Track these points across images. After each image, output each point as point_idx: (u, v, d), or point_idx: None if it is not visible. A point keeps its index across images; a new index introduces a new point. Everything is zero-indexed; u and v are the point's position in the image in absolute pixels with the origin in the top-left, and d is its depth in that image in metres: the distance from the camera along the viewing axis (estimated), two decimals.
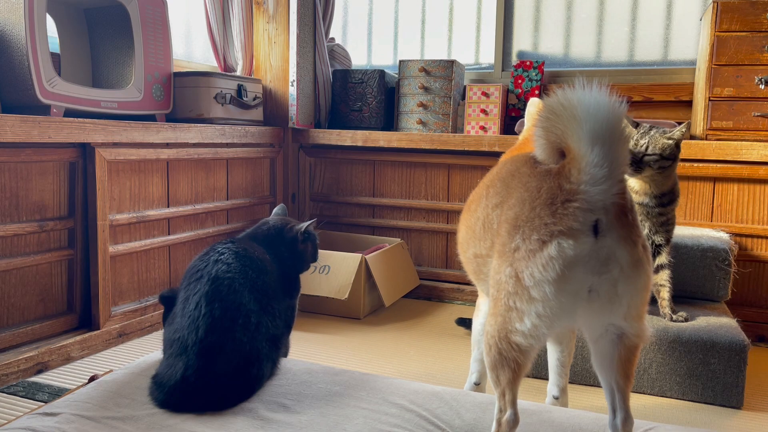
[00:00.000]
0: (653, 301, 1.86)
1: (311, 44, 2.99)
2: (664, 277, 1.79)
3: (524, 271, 1.02)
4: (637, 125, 1.80)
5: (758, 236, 2.31)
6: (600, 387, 1.78)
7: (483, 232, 1.19)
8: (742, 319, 2.32)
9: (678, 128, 1.73)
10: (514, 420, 1.12)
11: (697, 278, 2.04)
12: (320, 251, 2.43)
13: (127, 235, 2.11)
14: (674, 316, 1.79)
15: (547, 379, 1.81)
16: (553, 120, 1.05)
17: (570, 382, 1.83)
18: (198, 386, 1.24)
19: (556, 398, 1.50)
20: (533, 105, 1.58)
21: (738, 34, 2.35)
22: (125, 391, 1.36)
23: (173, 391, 1.25)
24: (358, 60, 3.47)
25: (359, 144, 2.84)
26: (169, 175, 2.30)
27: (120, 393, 1.35)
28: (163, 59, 2.40)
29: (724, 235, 2.10)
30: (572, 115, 1.00)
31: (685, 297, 2.07)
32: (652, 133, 1.73)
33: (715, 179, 2.37)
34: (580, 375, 1.82)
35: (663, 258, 1.79)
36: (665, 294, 1.80)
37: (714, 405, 1.71)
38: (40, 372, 1.78)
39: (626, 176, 1.27)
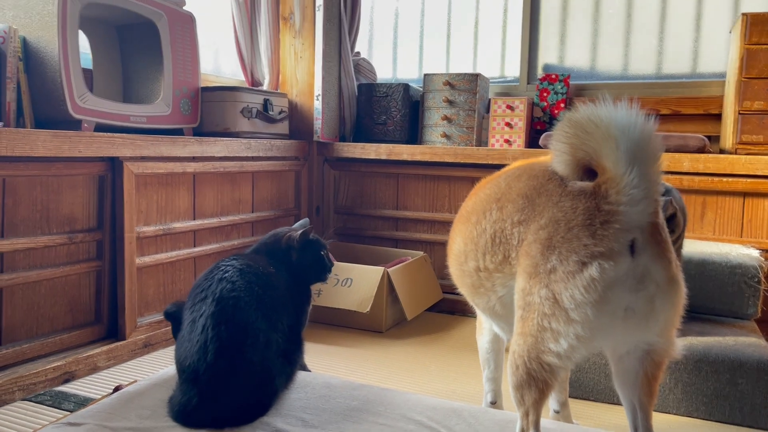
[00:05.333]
0: None
1: (336, 58, 3.02)
2: None
3: (563, 293, 1.02)
4: None
5: None
6: (619, 405, 1.75)
7: (493, 247, 1.18)
8: None
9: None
10: None
11: (725, 296, 2.00)
12: (342, 264, 2.45)
13: (154, 247, 2.15)
14: None
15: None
16: (582, 137, 1.04)
17: (593, 400, 1.80)
18: (213, 410, 1.25)
19: (557, 412, 1.50)
20: None
21: None
22: (147, 402, 1.38)
23: (189, 418, 1.26)
24: (384, 73, 3.49)
25: (383, 157, 2.86)
26: (195, 188, 2.33)
27: (142, 404, 1.38)
28: (191, 74, 2.45)
29: (754, 252, 2.05)
30: (607, 134, 1.00)
31: (713, 314, 2.03)
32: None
33: (745, 194, 2.32)
34: (603, 393, 1.80)
35: None
36: None
37: (742, 426, 1.67)
38: (67, 381, 1.82)
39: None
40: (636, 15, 2.96)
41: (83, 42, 2.36)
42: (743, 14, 2.34)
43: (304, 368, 1.68)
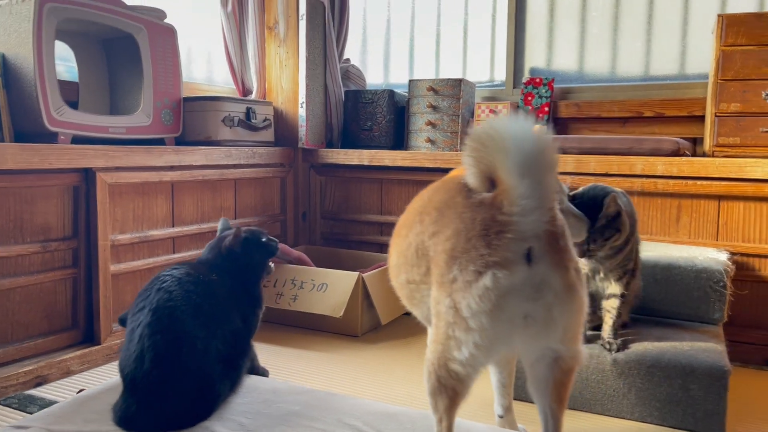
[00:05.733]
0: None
1: (322, 66, 3.06)
2: (611, 305, 1.75)
3: (461, 302, 1.04)
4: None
5: (766, 256, 2.23)
6: (589, 412, 1.76)
7: (417, 259, 1.20)
8: (750, 342, 2.24)
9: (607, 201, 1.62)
10: None
11: (691, 300, 1.98)
12: (318, 269, 2.49)
13: (131, 254, 2.21)
14: (607, 344, 1.75)
15: (523, 401, 1.80)
16: (481, 150, 1.07)
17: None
18: (152, 417, 1.30)
19: (501, 417, 1.51)
20: None
21: (744, 48, 2.29)
22: (97, 406, 1.44)
23: (130, 424, 1.30)
24: (376, 79, 3.53)
25: (366, 163, 2.89)
26: (174, 196, 2.40)
27: (91, 409, 1.43)
28: (173, 85, 2.51)
29: (722, 256, 2.04)
30: (500, 147, 1.02)
31: (680, 319, 2.02)
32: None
33: (720, 197, 2.30)
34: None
35: (614, 288, 1.75)
36: (608, 320, 1.76)
37: None
38: (38, 385, 1.89)
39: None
40: (623, 17, 2.94)
41: (71, 55, 2.44)
42: (719, 15, 2.32)
43: (260, 372, 1.72)
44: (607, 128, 2.88)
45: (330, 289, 2.38)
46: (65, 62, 2.52)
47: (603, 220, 1.59)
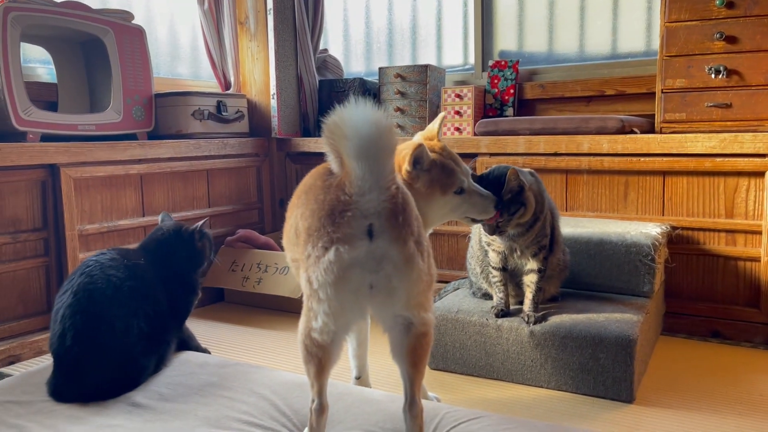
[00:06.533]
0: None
1: (293, 58, 3.17)
2: (531, 279, 1.83)
3: (312, 276, 1.15)
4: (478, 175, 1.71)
5: (710, 230, 2.26)
6: (511, 382, 1.85)
7: (296, 238, 1.31)
8: (696, 314, 2.28)
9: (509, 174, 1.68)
10: (320, 408, 1.25)
11: (622, 274, 2.04)
12: (282, 253, 2.61)
13: (101, 243, 2.38)
14: (526, 317, 1.83)
15: (443, 371, 1.90)
16: (331, 137, 1.17)
17: (476, 376, 1.90)
18: (76, 389, 1.44)
19: (358, 378, 1.68)
20: (434, 122, 1.64)
21: (688, 23, 2.31)
22: (37, 380, 1.59)
23: (59, 396, 1.46)
24: (358, 68, 3.61)
25: None
26: (143, 187, 2.55)
27: (31, 381, 1.58)
28: (143, 83, 2.66)
29: (654, 230, 2.08)
30: (342, 133, 1.12)
31: (613, 293, 2.08)
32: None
33: (665, 173, 2.33)
34: (484, 369, 1.89)
35: (532, 264, 1.82)
36: (529, 294, 1.84)
37: (606, 398, 1.73)
38: (11, 363, 2.07)
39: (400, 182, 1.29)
40: None
41: (47, 58, 2.61)
42: None
43: (201, 349, 1.86)
44: (572, 108, 2.91)
45: (291, 271, 2.50)
46: (46, 65, 2.68)
47: (508, 195, 1.67)
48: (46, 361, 1.76)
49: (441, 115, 1.62)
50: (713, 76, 2.27)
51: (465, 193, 1.52)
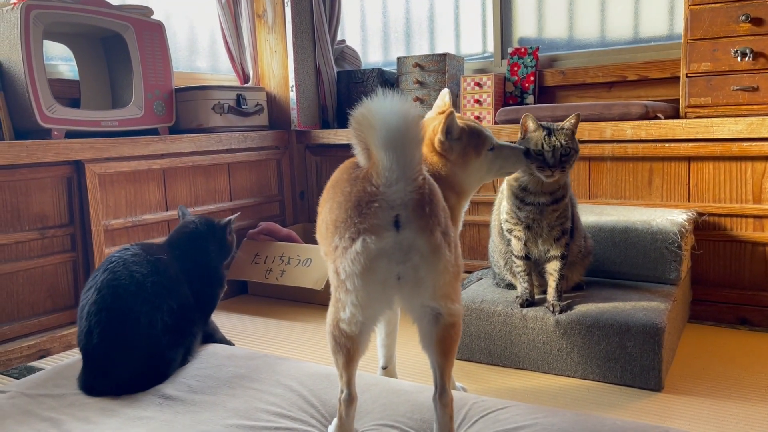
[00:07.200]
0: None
1: (311, 50, 3.16)
2: (554, 267, 1.81)
3: (339, 267, 1.16)
4: (544, 128, 1.75)
5: (737, 215, 2.23)
6: (537, 371, 1.85)
7: (326, 233, 1.32)
8: (723, 301, 2.25)
9: (567, 119, 1.74)
10: (349, 399, 1.26)
11: (648, 261, 2.02)
12: (304, 245, 2.63)
13: (125, 237, 2.40)
14: (551, 306, 1.83)
15: (468, 360, 1.90)
16: (359, 129, 1.17)
17: (501, 366, 1.90)
18: (107, 383, 1.47)
19: (384, 368, 1.69)
20: (441, 97, 1.66)
21: (712, 5, 2.27)
22: (68, 373, 1.62)
23: (90, 390, 1.48)
24: (376, 58, 3.60)
25: None
26: (166, 182, 2.57)
27: (64, 375, 1.61)
28: (164, 78, 2.67)
29: (680, 217, 2.05)
30: (370, 124, 1.12)
31: (639, 280, 2.06)
32: (560, 129, 1.74)
33: (690, 159, 2.30)
34: (509, 359, 1.89)
35: (554, 250, 1.80)
36: (552, 283, 1.82)
37: (633, 387, 1.72)
38: (42, 357, 2.11)
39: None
40: None
41: (69, 55, 2.63)
42: None
43: (226, 342, 1.87)
44: (593, 94, 2.88)
45: (314, 263, 2.51)
46: (68, 62, 2.71)
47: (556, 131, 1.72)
48: (76, 355, 1.79)
49: (445, 90, 1.62)
50: (739, 59, 2.23)
51: (495, 148, 1.54)
